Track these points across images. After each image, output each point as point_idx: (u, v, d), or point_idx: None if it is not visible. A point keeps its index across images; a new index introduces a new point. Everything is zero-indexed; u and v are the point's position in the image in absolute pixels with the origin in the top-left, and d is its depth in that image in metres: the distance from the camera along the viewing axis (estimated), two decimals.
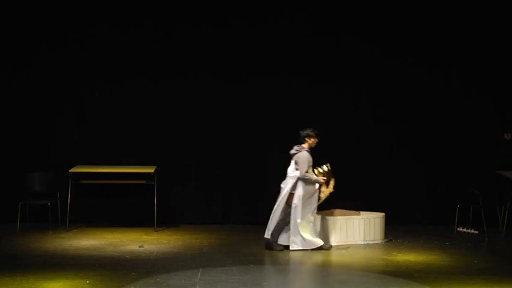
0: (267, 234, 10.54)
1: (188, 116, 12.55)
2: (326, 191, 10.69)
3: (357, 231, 10.94)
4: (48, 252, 10.11)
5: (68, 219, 11.69)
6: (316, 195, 10.57)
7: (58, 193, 11.94)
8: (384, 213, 11.26)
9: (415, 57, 12.60)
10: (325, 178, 10.61)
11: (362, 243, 10.94)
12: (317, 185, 10.55)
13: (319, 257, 10.24)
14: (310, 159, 10.53)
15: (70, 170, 11.68)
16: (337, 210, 11.17)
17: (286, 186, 10.59)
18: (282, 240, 10.51)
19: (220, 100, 12.58)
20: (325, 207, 11.37)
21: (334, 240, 10.79)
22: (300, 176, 10.44)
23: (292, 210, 10.43)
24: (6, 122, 12.39)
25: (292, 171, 10.58)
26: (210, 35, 12.53)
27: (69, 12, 12.38)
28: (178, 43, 12.53)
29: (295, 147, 10.62)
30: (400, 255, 10.18)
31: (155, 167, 11.85)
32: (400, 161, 12.62)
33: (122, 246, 10.50)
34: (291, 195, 10.49)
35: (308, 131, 10.65)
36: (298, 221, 10.38)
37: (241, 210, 12.61)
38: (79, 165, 11.94)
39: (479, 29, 12.55)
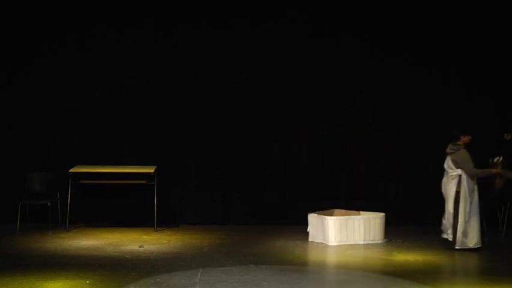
0: (447, 235, 10.51)
1: (188, 116, 12.56)
2: (500, 183, 10.58)
3: (357, 231, 10.94)
4: (48, 252, 10.11)
5: (68, 219, 11.69)
6: (476, 192, 10.52)
7: (58, 193, 11.95)
8: (383, 213, 11.26)
9: (415, 57, 12.60)
10: (497, 169, 10.49)
11: (362, 243, 10.93)
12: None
13: (319, 257, 10.25)
14: (469, 155, 10.45)
15: (70, 170, 11.68)
16: (337, 210, 11.17)
17: (449, 185, 10.53)
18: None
19: (220, 100, 12.58)
20: (325, 207, 11.42)
21: (334, 240, 10.79)
22: (468, 173, 10.38)
23: (460, 209, 10.43)
24: (6, 122, 12.40)
25: (451, 169, 10.52)
26: (210, 35, 12.53)
27: (69, 12, 12.39)
28: (178, 43, 12.53)
29: (451, 146, 10.56)
30: (400, 255, 10.18)
31: (155, 167, 11.85)
32: (400, 160, 12.62)
33: (122, 246, 10.50)
34: (457, 193, 10.45)
35: (461, 128, 10.59)
36: (461, 219, 10.40)
37: (241, 210, 12.61)
38: (79, 165, 11.94)
39: (479, 28, 12.56)
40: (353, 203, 11.80)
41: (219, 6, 12.54)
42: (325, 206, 11.45)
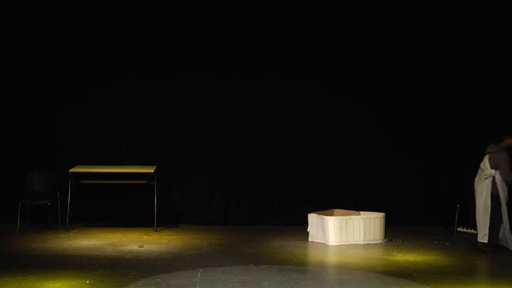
0: (482, 238, 10.42)
1: (188, 116, 12.56)
2: None
3: (357, 231, 10.94)
4: (48, 252, 10.11)
5: (68, 219, 11.69)
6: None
7: (58, 193, 11.95)
8: (383, 213, 11.26)
9: (414, 57, 12.60)
10: None
11: (362, 243, 10.94)
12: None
13: (319, 257, 10.25)
14: (508, 158, 10.29)
15: (70, 170, 11.67)
16: (337, 210, 11.17)
17: (480, 184, 10.43)
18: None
19: (220, 100, 12.58)
20: (325, 207, 11.42)
21: (334, 240, 10.79)
22: (504, 177, 10.25)
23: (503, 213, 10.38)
24: (7, 122, 12.39)
25: (486, 168, 10.41)
26: (210, 35, 12.53)
27: (69, 12, 12.39)
28: (179, 43, 12.53)
29: (493, 146, 10.43)
30: (400, 255, 10.18)
31: (155, 167, 11.85)
32: (400, 161, 12.62)
33: (122, 246, 10.50)
34: (492, 195, 10.34)
35: (508, 131, 10.44)
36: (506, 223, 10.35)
37: (241, 210, 12.61)
38: (79, 165, 11.93)
39: (479, 29, 12.56)
40: (353, 203, 11.79)
41: (220, 6, 12.53)
42: (325, 206, 11.46)
